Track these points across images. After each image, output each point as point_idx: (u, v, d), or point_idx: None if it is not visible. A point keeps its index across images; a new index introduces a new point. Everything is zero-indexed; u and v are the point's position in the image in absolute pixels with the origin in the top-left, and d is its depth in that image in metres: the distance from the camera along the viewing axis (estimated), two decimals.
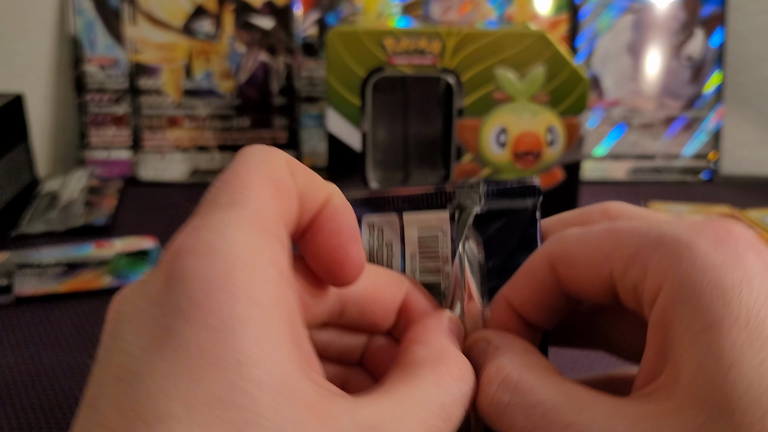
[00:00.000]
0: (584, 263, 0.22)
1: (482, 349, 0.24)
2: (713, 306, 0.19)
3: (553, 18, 0.80)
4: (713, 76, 0.81)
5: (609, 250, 0.22)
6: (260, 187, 0.20)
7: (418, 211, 0.27)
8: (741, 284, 0.19)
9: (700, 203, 0.74)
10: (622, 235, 0.22)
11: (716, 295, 0.19)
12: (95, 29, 0.78)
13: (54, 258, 0.57)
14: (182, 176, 0.80)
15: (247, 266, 0.18)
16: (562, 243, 0.24)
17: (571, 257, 0.23)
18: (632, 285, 0.21)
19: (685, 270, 0.19)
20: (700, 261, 0.19)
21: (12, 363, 0.46)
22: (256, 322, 0.17)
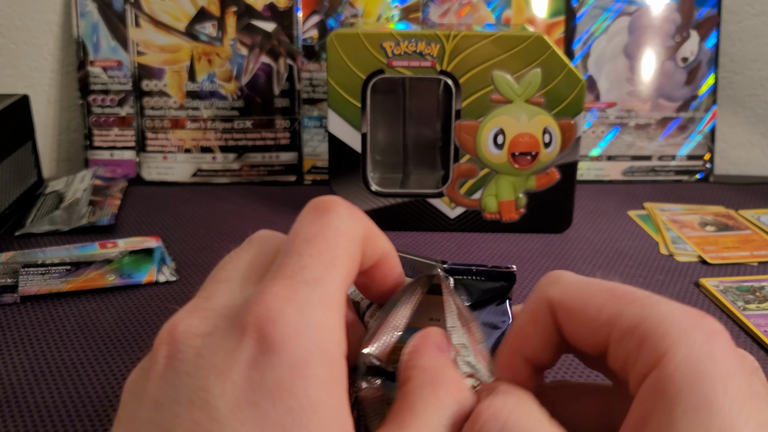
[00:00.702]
0: (583, 320, 0.25)
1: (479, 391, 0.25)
2: (705, 390, 0.21)
3: (550, 21, 0.80)
4: (708, 78, 0.81)
5: (610, 316, 0.24)
6: (342, 265, 0.23)
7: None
8: (727, 377, 0.21)
9: (695, 203, 0.74)
10: (624, 302, 0.24)
11: (708, 381, 0.21)
12: (99, 32, 0.78)
13: (58, 257, 0.57)
14: (185, 177, 0.80)
15: (324, 353, 0.21)
16: (562, 290, 0.26)
17: (571, 310, 0.25)
18: (625, 354, 0.23)
19: (684, 355, 0.22)
20: (696, 349, 0.22)
21: (17, 361, 0.46)
22: (326, 407, 0.20)
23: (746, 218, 0.70)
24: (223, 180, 0.80)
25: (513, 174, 0.65)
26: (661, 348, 0.22)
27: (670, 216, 0.70)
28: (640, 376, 0.22)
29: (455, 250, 0.63)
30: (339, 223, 0.24)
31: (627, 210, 0.72)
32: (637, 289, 0.25)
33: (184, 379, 0.20)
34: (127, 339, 0.48)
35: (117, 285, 0.55)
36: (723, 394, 0.21)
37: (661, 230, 0.67)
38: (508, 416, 0.23)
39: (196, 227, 0.67)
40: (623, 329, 0.23)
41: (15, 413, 0.41)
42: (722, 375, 0.21)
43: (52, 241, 0.63)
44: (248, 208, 0.72)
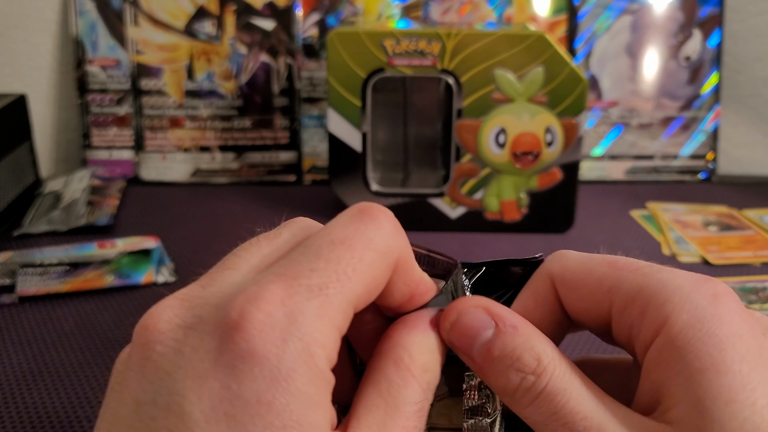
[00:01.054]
0: (584, 292, 0.24)
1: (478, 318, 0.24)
2: (711, 352, 0.21)
3: (552, 19, 0.80)
4: (711, 76, 0.81)
5: (610, 286, 0.23)
6: (359, 280, 0.21)
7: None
8: (734, 336, 0.21)
9: (698, 203, 0.74)
10: (624, 274, 0.23)
11: (713, 343, 0.21)
12: (97, 30, 0.78)
13: (56, 257, 0.57)
14: (184, 176, 0.80)
15: (312, 368, 0.19)
16: (563, 265, 0.25)
17: (572, 282, 0.24)
18: (628, 324, 0.23)
19: (686, 318, 0.21)
20: (699, 311, 0.21)
21: (15, 362, 0.46)
22: (310, 425, 0.19)
23: (749, 218, 0.70)
24: (222, 180, 0.80)
25: (515, 173, 0.64)
26: (663, 314, 0.22)
27: (672, 216, 0.70)
28: (644, 345, 0.22)
29: (456, 251, 0.63)
30: (375, 234, 0.22)
31: (629, 210, 0.72)
32: (640, 260, 0.24)
33: (163, 379, 0.19)
34: (126, 340, 0.48)
35: (115, 285, 0.55)
36: (731, 354, 0.21)
37: (664, 230, 0.67)
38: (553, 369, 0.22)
39: (195, 227, 0.67)
40: (624, 299, 0.23)
41: (13, 413, 0.41)
42: (729, 335, 0.21)
43: (51, 242, 0.63)
44: (247, 208, 0.72)
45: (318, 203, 0.73)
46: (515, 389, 0.22)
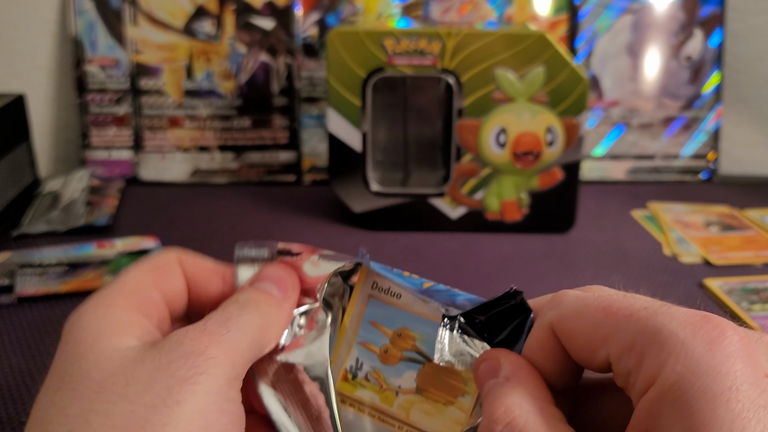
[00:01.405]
0: (582, 341, 0.24)
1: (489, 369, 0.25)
2: (704, 409, 0.20)
3: (553, 18, 0.80)
4: (712, 76, 0.81)
5: (606, 334, 0.23)
6: (133, 268, 0.29)
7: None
8: (729, 391, 0.20)
9: (699, 203, 0.74)
10: (619, 321, 0.23)
11: (705, 401, 0.20)
12: (96, 30, 0.78)
13: (55, 258, 0.57)
14: (183, 176, 0.80)
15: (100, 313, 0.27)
16: (560, 314, 0.25)
17: (569, 331, 0.24)
18: (626, 372, 0.22)
19: (680, 371, 0.21)
20: (693, 364, 0.21)
21: (14, 362, 0.46)
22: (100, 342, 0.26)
23: (751, 218, 0.69)
24: (221, 180, 0.80)
25: (515, 173, 0.64)
26: (658, 364, 0.21)
27: (674, 216, 0.70)
28: (639, 393, 0.22)
29: (457, 251, 0.63)
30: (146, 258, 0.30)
31: (631, 210, 0.72)
32: (637, 300, 0.24)
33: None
34: None
35: None
36: (723, 413, 0.20)
37: (665, 231, 0.66)
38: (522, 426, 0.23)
39: (194, 227, 0.67)
40: (620, 348, 0.23)
41: (12, 415, 0.41)
42: (724, 390, 0.20)
43: (49, 242, 0.63)
44: (247, 208, 0.72)
45: (317, 203, 0.73)
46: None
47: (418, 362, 0.28)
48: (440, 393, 0.28)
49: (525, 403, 0.24)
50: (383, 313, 0.29)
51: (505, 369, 0.25)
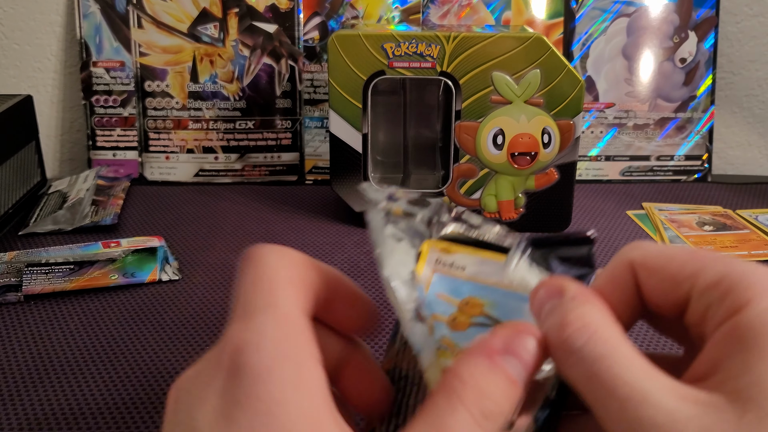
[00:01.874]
0: (665, 275, 0.25)
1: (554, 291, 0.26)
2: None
3: (549, 22, 0.80)
4: (706, 78, 0.81)
5: (693, 270, 0.25)
6: (285, 288, 0.25)
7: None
8: None
9: (693, 203, 0.74)
10: (706, 261, 0.25)
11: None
12: (102, 33, 0.78)
13: (62, 256, 0.57)
14: (188, 176, 0.80)
15: (287, 359, 0.23)
16: (644, 252, 0.26)
17: (653, 267, 0.26)
18: (706, 305, 0.24)
19: (764, 306, 0.22)
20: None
21: (20, 360, 0.46)
22: (292, 401, 0.22)
23: (744, 218, 0.70)
24: (225, 180, 0.81)
25: (512, 174, 0.65)
26: (744, 298, 0.23)
27: (668, 216, 0.70)
28: (719, 321, 0.23)
29: None
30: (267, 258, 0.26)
31: (625, 210, 0.72)
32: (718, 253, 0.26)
33: (179, 416, 0.23)
34: (131, 338, 0.48)
35: (120, 284, 0.55)
36: None
37: (660, 230, 0.67)
38: (594, 331, 0.23)
39: (199, 227, 0.67)
40: (707, 282, 0.24)
41: (19, 411, 0.41)
42: None
43: (56, 241, 0.63)
44: (250, 207, 0.72)
45: (319, 203, 0.73)
46: (560, 344, 0.24)
47: (488, 325, 0.28)
48: None
49: (597, 313, 0.24)
50: (449, 286, 0.28)
51: (572, 290, 0.25)
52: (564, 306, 0.24)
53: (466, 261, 0.29)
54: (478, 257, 0.29)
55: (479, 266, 0.29)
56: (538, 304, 0.26)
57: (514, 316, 0.28)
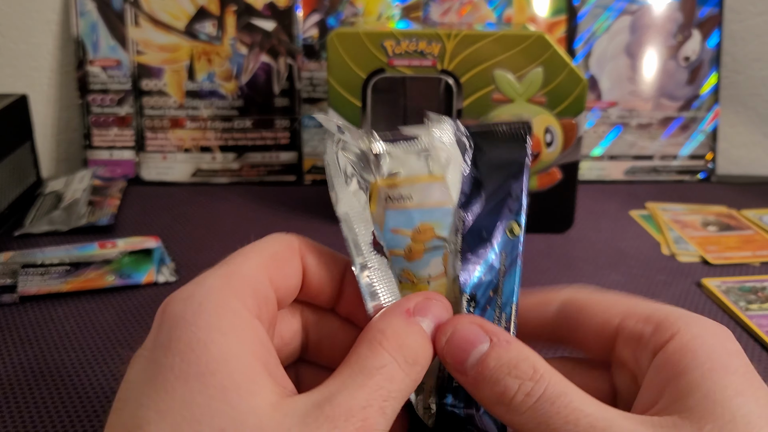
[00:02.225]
0: (596, 312, 0.27)
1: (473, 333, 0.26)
2: (721, 356, 0.24)
3: (552, 20, 0.80)
4: (710, 77, 0.81)
5: (625, 308, 0.27)
6: (250, 257, 0.26)
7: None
8: (740, 353, 0.24)
9: (697, 203, 0.74)
10: (637, 301, 0.27)
11: (721, 351, 0.24)
12: (98, 31, 0.78)
13: (57, 257, 0.57)
14: (185, 176, 0.80)
15: (214, 305, 0.23)
16: (574, 290, 0.28)
17: (585, 305, 0.28)
18: (637, 336, 0.26)
19: (697, 331, 0.25)
20: (710, 330, 0.25)
21: (16, 361, 0.46)
22: (217, 343, 0.22)
23: (748, 218, 0.70)
24: (222, 180, 0.80)
25: None
26: (674, 328, 0.25)
27: (672, 216, 0.70)
28: (654, 350, 0.25)
29: None
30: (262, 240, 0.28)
31: (629, 210, 0.72)
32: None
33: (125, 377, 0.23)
34: (127, 339, 0.48)
35: (116, 285, 0.55)
36: (737, 361, 0.24)
37: (663, 230, 0.67)
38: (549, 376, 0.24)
39: (196, 227, 0.67)
40: (637, 317, 0.26)
41: (14, 413, 0.41)
42: (735, 350, 0.24)
43: (52, 242, 0.63)
44: (248, 208, 0.72)
45: (318, 203, 0.73)
46: (513, 395, 0.23)
47: (441, 248, 0.29)
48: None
49: (539, 358, 0.25)
50: (400, 219, 0.29)
51: (503, 334, 0.25)
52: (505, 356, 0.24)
53: (411, 190, 0.29)
54: (421, 183, 0.29)
55: (424, 191, 0.29)
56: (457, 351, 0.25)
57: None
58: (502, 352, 0.24)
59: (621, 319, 0.26)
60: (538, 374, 0.23)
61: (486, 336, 0.25)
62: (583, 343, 0.28)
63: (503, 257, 0.29)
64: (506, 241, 0.29)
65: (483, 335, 0.25)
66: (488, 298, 0.28)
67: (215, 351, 0.22)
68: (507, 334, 0.25)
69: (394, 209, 0.29)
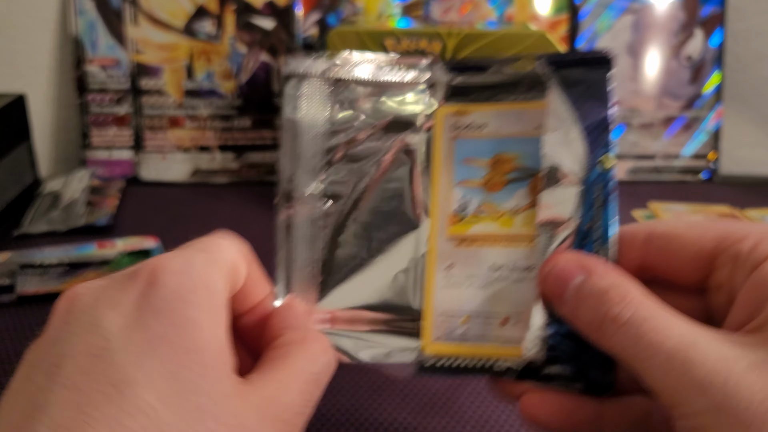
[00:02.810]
0: (688, 240, 0.27)
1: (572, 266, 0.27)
2: None
3: (553, 18, 0.80)
4: (713, 76, 0.81)
5: (719, 232, 0.26)
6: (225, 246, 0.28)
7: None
8: None
9: (700, 203, 0.74)
10: (730, 224, 0.27)
11: None
12: (97, 30, 0.78)
13: (56, 258, 0.57)
14: (183, 176, 0.80)
15: (204, 286, 0.25)
16: (665, 222, 0.28)
17: (673, 235, 0.27)
18: (734, 256, 0.25)
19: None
20: None
21: (14, 362, 0.45)
22: (206, 324, 0.24)
23: (751, 218, 0.69)
24: (221, 180, 0.80)
25: None
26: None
27: (674, 216, 0.70)
28: (752, 267, 0.24)
29: None
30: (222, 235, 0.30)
31: (631, 210, 0.72)
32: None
33: (79, 317, 0.23)
34: None
35: None
36: None
37: None
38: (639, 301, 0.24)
39: (195, 227, 0.66)
40: (734, 239, 0.26)
41: None
42: None
43: (50, 242, 0.63)
44: (247, 208, 0.72)
45: None
46: (602, 319, 0.25)
47: (525, 179, 0.28)
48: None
49: (633, 284, 0.25)
50: (474, 148, 0.28)
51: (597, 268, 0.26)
52: (598, 284, 0.26)
53: (484, 118, 0.28)
54: (495, 110, 0.28)
55: (499, 120, 0.28)
56: (558, 283, 0.27)
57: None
58: (596, 281, 0.25)
59: (716, 243, 0.26)
60: (627, 299, 0.24)
61: (584, 268, 0.26)
62: (678, 273, 0.27)
63: (598, 190, 0.28)
64: (598, 174, 0.28)
65: (581, 268, 0.26)
66: (584, 233, 0.28)
67: (204, 331, 0.23)
68: (604, 265, 0.26)
69: (463, 138, 0.28)
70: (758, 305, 0.23)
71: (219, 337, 0.24)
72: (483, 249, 0.29)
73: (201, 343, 0.23)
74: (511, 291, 0.29)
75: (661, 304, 0.24)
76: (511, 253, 0.29)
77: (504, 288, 0.29)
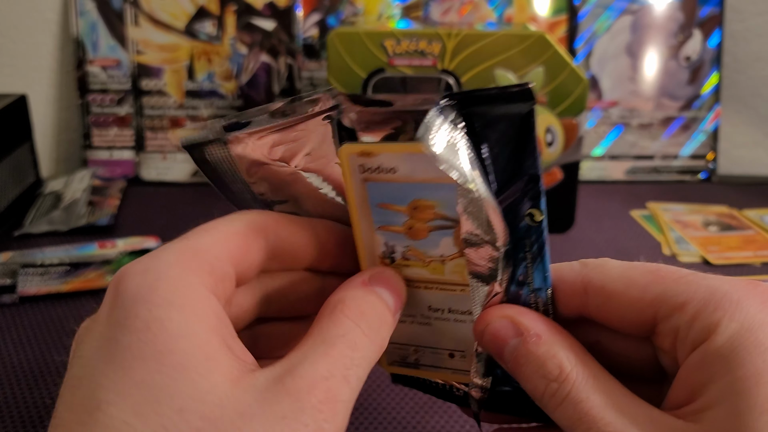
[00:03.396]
0: (625, 301, 0.25)
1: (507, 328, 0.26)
2: (755, 361, 0.22)
3: (552, 19, 0.80)
4: (711, 76, 0.81)
5: (656, 295, 0.24)
6: (209, 233, 0.25)
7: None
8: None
9: (698, 203, 0.74)
10: (669, 283, 0.24)
11: (758, 352, 0.22)
12: (98, 30, 0.78)
13: (57, 257, 0.57)
14: (184, 176, 0.80)
15: (170, 280, 0.23)
16: (602, 274, 0.26)
17: (611, 292, 0.25)
18: (674, 330, 0.24)
19: (735, 327, 0.22)
20: (749, 320, 0.22)
21: (15, 362, 0.46)
22: (174, 321, 0.22)
23: (749, 218, 0.70)
24: None
25: None
26: (713, 321, 0.23)
27: (673, 216, 0.70)
28: (690, 347, 0.23)
29: None
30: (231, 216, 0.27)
31: (630, 210, 0.72)
32: (680, 268, 0.25)
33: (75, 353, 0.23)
34: None
35: None
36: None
37: (664, 230, 0.67)
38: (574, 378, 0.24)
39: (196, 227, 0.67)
40: (671, 307, 0.24)
41: (14, 414, 0.41)
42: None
43: (51, 242, 0.63)
44: None
45: None
46: (542, 394, 0.24)
47: (448, 228, 0.26)
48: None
49: (572, 356, 0.24)
50: (388, 193, 0.26)
51: (534, 327, 0.25)
52: (534, 353, 0.25)
53: (393, 161, 0.25)
54: (403, 154, 0.25)
55: (410, 163, 0.25)
56: (494, 343, 0.26)
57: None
58: (531, 349, 0.25)
59: (655, 310, 0.24)
60: (564, 374, 0.24)
61: (517, 330, 0.25)
62: (620, 327, 0.26)
63: (529, 245, 0.26)
64: (527, 228, 0.26)
65: (514, 329, 0.25)
66: (518, 283, 0.26)
67: (172, 329, 0.22)
68: (538, 326, 0.25)
69: (374, 181, 0.26)
70: (696, 389, 0.23)
71: (197, 330, 0.22)
72: (419, 291, 0.28)
73: (171, 343, 0.21)
74: (454, 330, 0.28)
75: (597, 375, 0.24)
76: (448, 297, 0.28)
77: (446, 327, 0.28)
